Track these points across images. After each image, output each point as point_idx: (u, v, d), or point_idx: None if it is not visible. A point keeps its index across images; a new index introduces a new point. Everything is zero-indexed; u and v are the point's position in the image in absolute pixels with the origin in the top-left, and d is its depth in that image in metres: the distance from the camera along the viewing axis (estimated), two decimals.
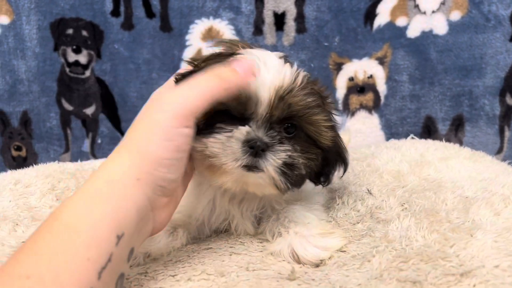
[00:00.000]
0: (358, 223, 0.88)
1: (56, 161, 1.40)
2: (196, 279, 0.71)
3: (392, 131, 1.53)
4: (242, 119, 0.74)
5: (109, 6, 1.52)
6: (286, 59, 0.79)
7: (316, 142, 0.79)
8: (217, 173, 0.74)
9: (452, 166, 1.03)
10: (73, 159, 1.64)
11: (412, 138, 1.34)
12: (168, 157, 0.64)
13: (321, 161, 0.81)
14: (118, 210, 0.59)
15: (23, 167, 1.64)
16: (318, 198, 0.94)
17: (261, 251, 0.82)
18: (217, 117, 0.74)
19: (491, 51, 1.42)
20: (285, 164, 0.73)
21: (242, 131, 0.72)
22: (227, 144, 0.72)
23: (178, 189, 0.73)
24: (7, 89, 1.60)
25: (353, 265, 0.74)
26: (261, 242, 0.85)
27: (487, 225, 0.76)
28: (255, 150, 0.71)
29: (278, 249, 0.80)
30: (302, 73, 0.76)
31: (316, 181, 0.86)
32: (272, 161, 0.72)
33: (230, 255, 0.80)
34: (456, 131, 1.49)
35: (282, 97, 0.72)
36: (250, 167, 0.72)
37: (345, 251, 0.80)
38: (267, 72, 0.73)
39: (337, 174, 0.89)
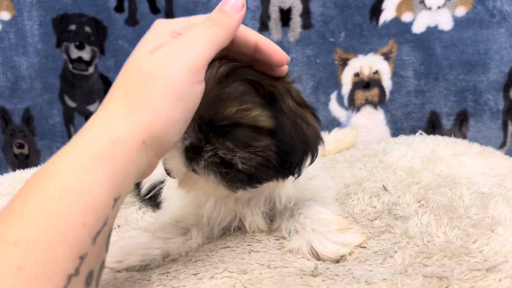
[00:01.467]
0: (375, 219, 0.89)
1: None
2: (219, 277, 0.71)
3: (397, 126, 1.54)
4: None
5: (112, 1, 1.51)
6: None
7: (259, 131, 0.73)
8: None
9: (465, 162, 1.04)
10: None
11: (421, 134, 1.35)
12: (179, 119, 0.59)
13: (278, 151, 0.74)
14: (119, 174, 0.55)
15: (25, 165, 1.64)
16: (328, 193, 0.94)
17: (279, 249, 0.82)
18: None
19: (495, 47, 1.44)
20: (216, 163, 0.71)
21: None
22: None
23: None
24: (9, 86, 1.58)
25: (375, 260, 0.74)
26: (277, 240, 0.85)
27: (507, 220, 0.77)
28: (188, 155, 0.71)
29: (296, 246, 0.80)
30: (228, 64, 0.71)
31: (286, 173, 0.78)
32: (200, 163, 0.71)
33: (249, 253, 0.79)
34: (460, 126, 1.50)
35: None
36: (194, 171, 0.72)
37: (365, 247, 0.80)
38: None
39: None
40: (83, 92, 1.59)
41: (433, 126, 1.50)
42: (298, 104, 0.77)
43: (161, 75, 0.58)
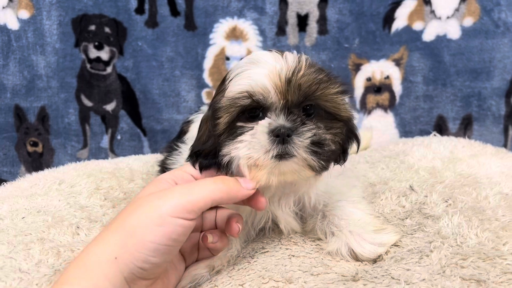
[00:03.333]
0: (406, 218, 0.94)
1: (92, 160, 1.41)
2: (265, 287, 0.73)
3: (406, 129, 1.61)
4: (260, 115, 0.77)
5: (133, 3, 1.53)
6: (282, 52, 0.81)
7: (336, 117, 0.79)
8: (253, 171, 0.75)
9: (483, 163, 1.12)
10: (91, 155, 1.65)
11: (435, 135, 1.43)
12: (155, 242, 0.64)
13: (346, 135, 0.82)
14: None
15: (38, 163, 1.65)
16: (354, 191, 0.97)
17: (318, 251, 0.85)
18: (236, 119, 0.77)
19: (499, 55, 1.52)
20: (313, 143, 0.74)
21: (264, 124, 0.74)
22: (254, 140, 0.74)
23: (168, 274, 0.75)
24: (25, 85, 1.58)
25: (411, 259, 0.79)
26: (314, 242, 0.89)
27: None
28: (281, 137, 0.73)
29: (335, 248, 0.84)
30: (304, 56, 0.78)
31: (342, 159, 0.84)
32: (300, 143, 0.73)
33: (290, 258, 0.82)
34: (465, 129, 1.59)
35: (289, 80, 0.74)
36: (282, 156, 0.73)
37: (398, 245, 0.85)
38: (263, 65, 0.76)
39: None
40: (100, 91, 1.61)
41: (440, 130, 1.58)
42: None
43: (149, 205, 0.67)
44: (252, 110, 0.77)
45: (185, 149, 1.00)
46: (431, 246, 0.81)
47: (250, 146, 0.74)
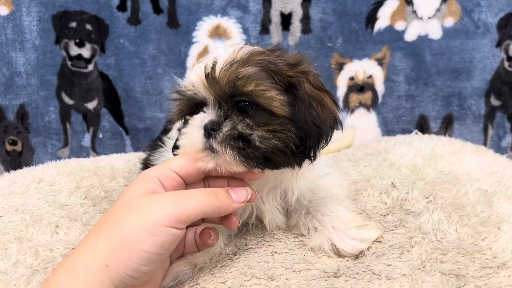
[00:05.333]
0: (388, 214, 0.95)
1: (73, 158, 1.39)
2: (248, 285, 0.73)
3: (388, 128, 1.63)
4: (202, 109, 0.79)
5: (115, 0, 1.51)
6: (247, 44, 0.82)
7: (274, 114, 0.76)
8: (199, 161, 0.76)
9: (463, 160, 1.13)
10: (72, 154, 1.62)
11: (416, 133, 1.44)
12: (148, 251, 0.64)
13: (296, 133, 0.76)
14: None
15: (17, 162, 1.61)
16: (340, 190, 0.98)
17: (300, 248, 0.85)
18: (187, 111, 0.82)
19: (479, 56, 1.55)
20: (234, 138, 0.73)
21: (197, 118, 0.77)
22: (189, 133, 0.77)
23: (155, 274, 0.74)
24: (4, 82, 1.55)
25: (392, 254, 0.79)
26: (296, 238, 0.89)
27: (510, 217, 0.85)
28: (207, 132, 0.74)
29: (318, 244, 0.84)
30: (248, 48, 0.78)
31: (301, 157, 0.80)
32: (218, 138, 0.73)
33: (272, 254, 0.82)
34: (446, 128, 1.61)
35: (207, 75, 0.75)
36: (211, 149, 0.74)
37: (380, 241, 0.86)
38: (205, 59, 0.78)
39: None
40: (81, 89, 1.58)
41: (421, 129, 1.60)
42: (315, 87, 0.80)
43: (141, 212, 0.66)
44: (199, 104, 0.79)
45: (170, 145, 0.99)
46: (412, 241, 0.82)
47: (186, 137, 0.77)
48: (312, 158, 0.80)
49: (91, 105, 1.60)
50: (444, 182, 1.02)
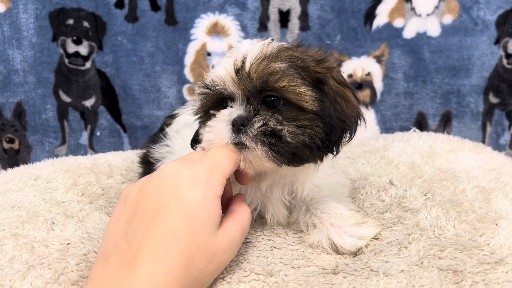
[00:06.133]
0: (386, 211, 0.95)
1: (70, 156, 1.38)
2: (246, 280, 0.73)
3: (387, 126, 1.62)
4: (228, 103, 0.79)
5: None
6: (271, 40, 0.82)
7: (303, 109, 0.77)
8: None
9: (461, 157, 1.13)
10: (70, 151, 1.62)
11: (414, 131, 1.44)
12: None
13: (322, 128, 0.77)
14: None
15: (15, 160, 1.61)
16: (344, 190, 1.00)
17: (299, 243, 0.86)
18: (211, 105, 0.82)
19: (477, 53, 1.55)
20: (266, 133, 0.74)
21: (224, 112, 0.77)
22: (216, 127, 0.77)
23: None
24: (1, 80, 1.55)
25: (390, 251, 0.80)
26: (296, 234, 0.89)
27: (508, 214, 0.85)
28: (236, 127, 0.75)
29: (316, 240, 0.85)
30: (276, 44, 0.78)
31: (326, 151, 0.81)
32: (249, 133, 0.74)
33: (272, 250, 0.83)
34: (444, 126, 1.61)
35: (238, 70, 0.76)
36: (239, 144, 0.75)
37: (378, 238, 0.86)
38: (233, 54, 0.78)
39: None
40: (79, 87, 1.58)
41: (420, 126, 1.60)
42: (338, 83, 0.81)
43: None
44: (225, 99, 0.79)
45: (174, 140, 1.01)
46: (410, 238, 0.82)
47: (212, 132, 0.77)
48: (335, 153, 0.82)
49: (89, 102, 1.59)
50: (442, 180, 1.02)
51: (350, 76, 1.60)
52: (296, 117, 0.76)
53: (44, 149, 1.62)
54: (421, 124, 1.61)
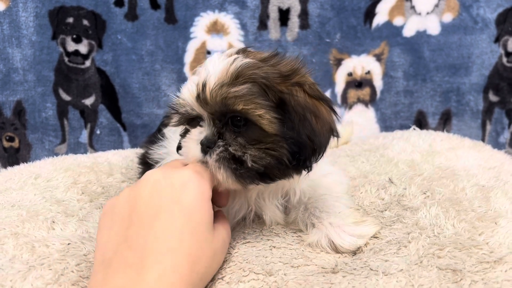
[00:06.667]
0: (385, 210, 0.95)
1: (70, 154, 1.39)
2: (246, 280, 0.73)
3: (387, 124, 1.62)
4: (199, 122, 0.80)
5: None
6: (244, 50, 0.81)
7: (266, 131, 0.75)
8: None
9: (460, 155, 1.13)
10: (70, 150, 1.62)
11: (414, 129, 1.44)
12: None
13: (288, 149, 0.75)
14: None
15: (15, 159, 1.61)
16: (341, 188, 0.98)
17: (299, 243, 0.85)
18: (186, 121, 0.83)
19: (477, 51, 1.55)
20: (227, 158, 0.74)
21: (194, 131, 0.79)
22: (187, 144, 0.79)
23: None
24: (0, 78, 1.55)
25: (389, 250, 0.79)
26: (295, 233, 0.89)
27: (508, 213, 0.85)
28: (203, 148, 0.76)
29: (315, 240, 0.84)
30: (240, 62, 0.75)
31: (296, 169, 0.79)
32: (213, 157, 0.75)
33: (271, 249, 0.83)
34: (444, 124, 1.61)
35: (198, 95, 0.76)
36: (207, 163, 0.76)
37: (377, 237, 0.86)
38: (198, 74, 0.78)
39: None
40: (79, 85, 1.58)
41: (420, 125, 1.60)
42: (311, 96, 0.79)
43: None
44: (197, 117, 0.80)
45: (172, 141, 1.01)
46: (409, 237, 0.82)
47: (185, 148, 0.80)
48: (308, 169, 0.80)
49: (89, 101, 1.59)
50: (442, 178, 1.02)
51: (350, 74, 1.60)
52: (260, 139, 0.75)
53: (44, 148, 1.62)
54: (421, 122, 1.61)
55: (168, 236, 0.64)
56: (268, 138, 0.75)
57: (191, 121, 0.82)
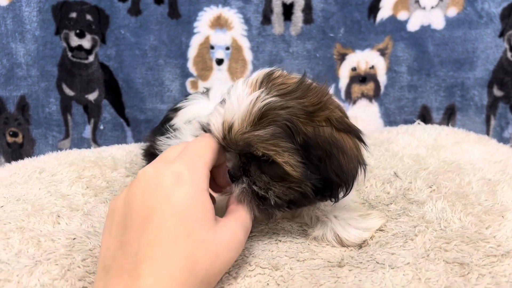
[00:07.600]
0: (391, 203, 0.95)
1: (74, 149, 1.38)
2: (252, 274, 0.73)
3: (391, 119, 1.62)
4: None
5: None
6: (268, 78, 0.77)
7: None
8: None
9: (466, 149, 1.13)
10: (73, 145, 1.62)
11: (419, 123, 1.44)
12: None
13: (315, 185, 0.75)
14: None
15: (18, 154, 1.61)
16: None
17: (304, 236, 0.86)
18: None
19: (482, 46, 1.54)
20: (248, 194, 0.75)
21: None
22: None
23: None
24: (4, 73, 1.54)
25: (396, 243, 0.80)
26: (300, 226, 0.89)
27: None
28: (230, 177, 0.77)
29: (321, 233, 0.85)
30: (263, 102, 0.72)
31: (323, 199, 0.80)
32: (238, 188, 0.76)
33: (277, 243, 0.83)
34: (448, 119, 1.60)
35: (224, 137, 0.75)
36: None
37: (383, 230, 0.86)
38: (222, 108, 0.76)
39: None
40: (82, 80, 1.57)
41: (424, 120, 1.59)
42: (338, 130, 0.76)
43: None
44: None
45: (184, 131, 1.00)
46: (416, 230, 0.82)
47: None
48: (335, 200, 0.80)
49: (92, 96, 1.59)
50: (447, 172, 1.01)
51: (354, 69, 1.59)
52: (285, 177, 0.74)
53: (48, 143, 1.62)
54: (425, 117, 1.61)
55: (162, 240, 0.61)
56: (292, 178, 0.74)
57: None
